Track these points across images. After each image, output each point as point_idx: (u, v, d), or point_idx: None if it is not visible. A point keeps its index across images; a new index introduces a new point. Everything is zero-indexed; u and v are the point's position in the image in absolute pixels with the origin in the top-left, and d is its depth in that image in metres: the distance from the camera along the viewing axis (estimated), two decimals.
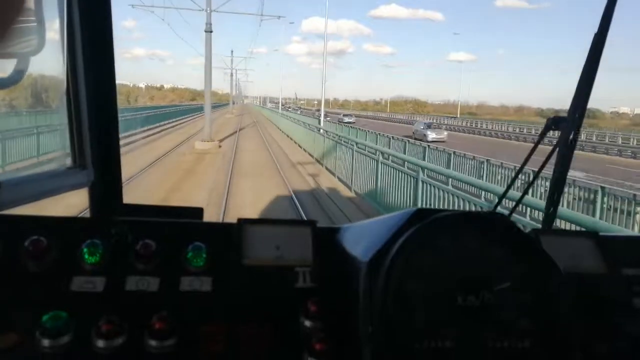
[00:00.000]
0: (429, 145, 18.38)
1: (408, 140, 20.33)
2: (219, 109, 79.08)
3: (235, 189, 11.98)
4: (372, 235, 0.89)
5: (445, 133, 36.61)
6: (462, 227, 0.85)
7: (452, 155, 15.57)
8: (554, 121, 1.48)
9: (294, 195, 11.20)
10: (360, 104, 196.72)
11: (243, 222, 0.99)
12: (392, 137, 21.38)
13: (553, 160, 1.39)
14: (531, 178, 1.76)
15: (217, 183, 12.78)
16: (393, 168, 9.45)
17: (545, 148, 1.31)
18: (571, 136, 1.44)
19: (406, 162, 9.35)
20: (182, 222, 1.06)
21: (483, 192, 7.93)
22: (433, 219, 0.83)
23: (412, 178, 8.33)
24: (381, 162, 10.10)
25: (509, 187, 1.79)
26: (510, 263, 0.83)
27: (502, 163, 12.79)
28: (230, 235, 0.97)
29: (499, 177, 12.45)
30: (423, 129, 36.15)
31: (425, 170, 8.31)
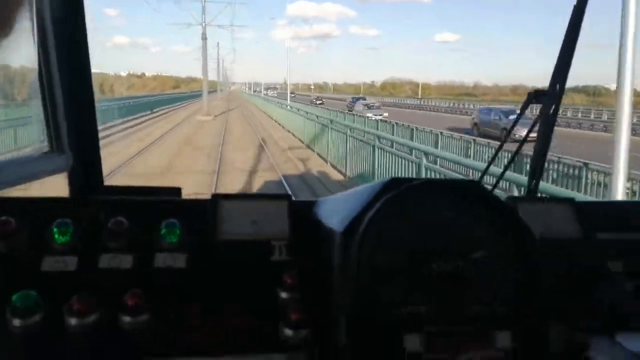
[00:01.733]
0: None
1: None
2: (194, 100, 64.71)
3: None
4: (347, 206, 0.89)
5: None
6: (436, 195, 0.85)
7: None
8: (535, 95, 1.50)
9: None
10: (351, 86, 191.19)
11: (217, 198, 0.99)
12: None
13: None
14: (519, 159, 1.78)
15: None
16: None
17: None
18: (552, 109, 1.46)
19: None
20: (156, 199, 1.06)
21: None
22: (405, 188, 0.84)
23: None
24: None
25: (489, 163, 1.81)
26: (485, 230, 0.84)
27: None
28: (204, 211, 0.97)
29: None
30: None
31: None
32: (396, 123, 18.94)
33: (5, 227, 0.86)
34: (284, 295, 0.88)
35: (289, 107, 28.64)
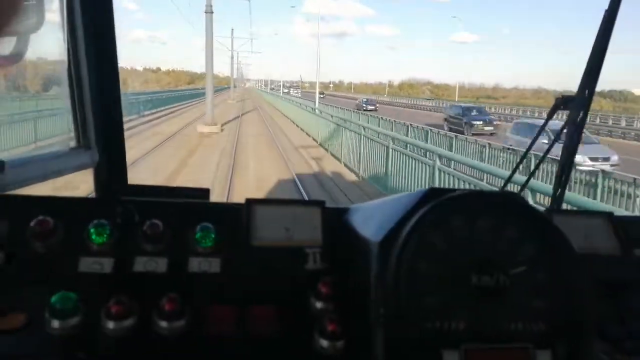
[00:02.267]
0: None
1: None
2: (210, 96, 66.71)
3: None
4: (382, 215, 0.87)
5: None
6: (476, 206, 0.83)
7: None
8: (563, 100, 1.46)
9: None
10: (369, 86, 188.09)
11: (251, 203, 0.98)
12: None
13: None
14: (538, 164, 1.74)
15: None
16: None
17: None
18: (580, 116, 1.42)
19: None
20: (190, 202, 1.05)
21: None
22: (446, 198, 0.82)
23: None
24: None
25: (514, 170, 1.79)
26: (525, 242, 0.81)
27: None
28: (238, 216, 0.96)
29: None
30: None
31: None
32: (410, 124, 19.22)
33: (43, 226, 0.85)
34: (318, 304, 0.86)
35: (332, 117, 18.91)
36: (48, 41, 1.18)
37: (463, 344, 0.74)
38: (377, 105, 60.69)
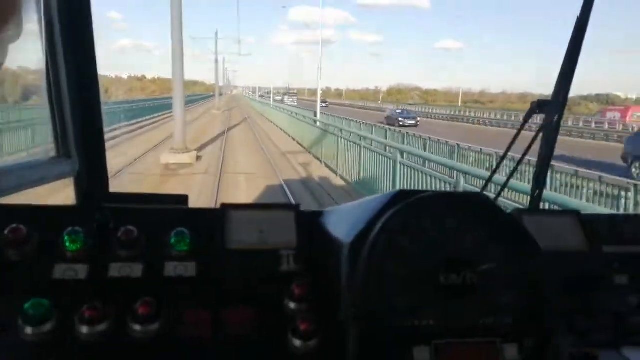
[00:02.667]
0: None
1: None
2: (195, 104, 53.88)
3: None
4: (354, 217, 0.90)
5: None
6: (444, 207, 0.85)
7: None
8: (539, 105, 1.50)
9: None
10: (356, 93, 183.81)
11: (226, 207, 1.00)
12: None
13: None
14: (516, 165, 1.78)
15: None
16: None
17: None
18: (555, 119, 1.46)
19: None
20: (165, 208, 1.06)
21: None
22: (414, 200, 0.84)
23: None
24: None
25: (494, 172, 1.81)
26: (492, 242, 0.84)
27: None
28: (213, 220, 0.97)
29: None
30: None
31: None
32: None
33: (16, 234, 0.86)
34: (292, 305, 0.88)
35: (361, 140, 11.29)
36: (26, 51, 1.18)
37: (433, 340, 0.77)
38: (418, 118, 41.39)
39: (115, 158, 12.69)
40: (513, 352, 0.78)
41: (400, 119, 38.44)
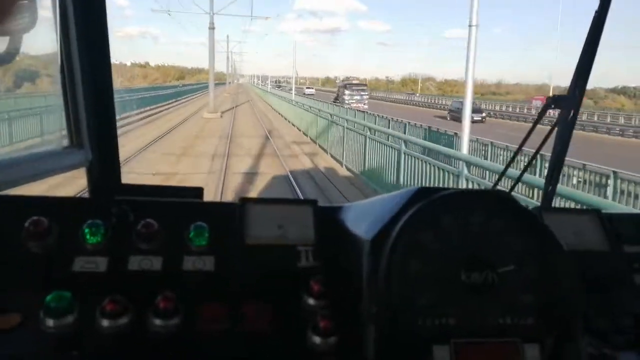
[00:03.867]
0: None
1: None
2: (195, 95, 55.93)
3: None
4: (374, 214, 0.88)
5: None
6: (466, 204, 0.84)
7: None
8: (554, 100, 1.47)
9: None
10: (368, 83, 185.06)
11: (245, 202, 0.99)
12: None
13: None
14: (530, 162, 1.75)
15: None
16: None
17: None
18: (571, 114, 1.43)
19: None
20: (184, 201, 1.05)
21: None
22: (436, 197, 0.83)
23: None
24: None
25: (507, 166, 1.79)
26: (514, 240, 0.83)
27: None
28: (232, 215, 0.96)
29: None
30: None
31: None
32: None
33: (38, 227, 0.86)
34: (311, 301, 0.87)
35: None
36: (41, 40, 1.18)
37: (453, 339, 0.76)
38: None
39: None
40: (534, 352, 0.77)
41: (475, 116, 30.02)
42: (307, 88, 61.73)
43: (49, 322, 0.76)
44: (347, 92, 45.74)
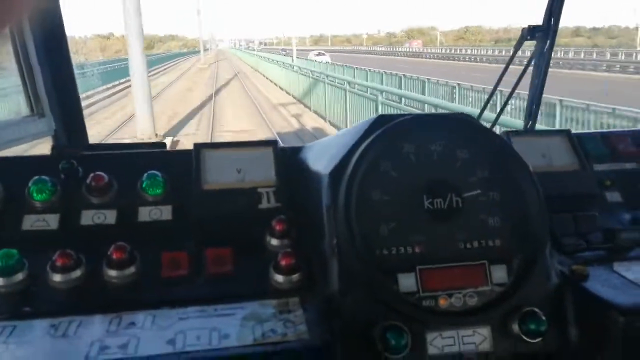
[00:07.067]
0: None
1: None
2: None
3: None
4: (334, 148, 0.87)
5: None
6: (427, 129, 0.82)
7: None
8: (529, 31, 1.44)
9: None
10: (358, 38, 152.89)
11: (200, 147, 0.97)
12: None
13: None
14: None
15: None
16: None
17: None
18: (547, 45, 1.41)
19: None
20: (136, 152, 1.03)
21: None
22: (394, 123, 0.81)
23: None
24: None
25: (485, 106, 1.76)
26: (478, 163, 0.81)
27: None
28: (188, 162, 0.95)
29: None
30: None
31: None
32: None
33: None
34: (274, 242, 0.86)
35: None
36: None
37: (419, 265, 0.75)
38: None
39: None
40: (501, 273, 0.77)
41: None
42: (319, 54, 43.01)
43: None
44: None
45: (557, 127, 7.19)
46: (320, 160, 0.89)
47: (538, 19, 1.43)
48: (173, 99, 18.59)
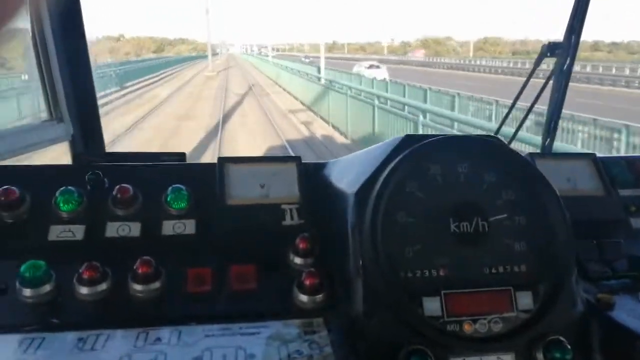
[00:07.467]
0: None
1: None
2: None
3: None
4: (359, 167, 0.86)
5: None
6: (454, 151, 0.81)
7: None
8: (549, 48, 1.43)
9: None
10: (372, 46, 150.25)
11: (224, 161, 0.96)
12: None
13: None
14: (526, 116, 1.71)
15: None
16: None
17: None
18: (567, 63, 1.40)
19: None
20: (161, 164, 1.03)
21: None
22: (422, 144, 0.80)
23: None
24: None
25: (503, 121, 1.75)
26: (505, 186, 0.80)
27: None
28: (211, 176, 0.94)
29: None
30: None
31: None
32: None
33: (9, 196, 0.84)
34: (297, 260, 0.85)
35: None
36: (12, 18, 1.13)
37: (443, 290, 0.74)
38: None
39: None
40: (527, 299, 0.76)
41: None
42: (370, 67, 31.04)
43: (26, 292, 0.75)
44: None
45: (622, 154, 7.03)
46: (345, 178, 0.88)
47: (556, 33, 1.42)
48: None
